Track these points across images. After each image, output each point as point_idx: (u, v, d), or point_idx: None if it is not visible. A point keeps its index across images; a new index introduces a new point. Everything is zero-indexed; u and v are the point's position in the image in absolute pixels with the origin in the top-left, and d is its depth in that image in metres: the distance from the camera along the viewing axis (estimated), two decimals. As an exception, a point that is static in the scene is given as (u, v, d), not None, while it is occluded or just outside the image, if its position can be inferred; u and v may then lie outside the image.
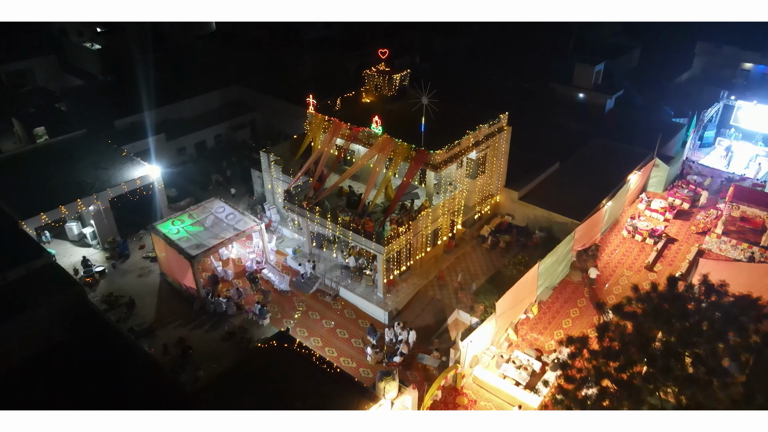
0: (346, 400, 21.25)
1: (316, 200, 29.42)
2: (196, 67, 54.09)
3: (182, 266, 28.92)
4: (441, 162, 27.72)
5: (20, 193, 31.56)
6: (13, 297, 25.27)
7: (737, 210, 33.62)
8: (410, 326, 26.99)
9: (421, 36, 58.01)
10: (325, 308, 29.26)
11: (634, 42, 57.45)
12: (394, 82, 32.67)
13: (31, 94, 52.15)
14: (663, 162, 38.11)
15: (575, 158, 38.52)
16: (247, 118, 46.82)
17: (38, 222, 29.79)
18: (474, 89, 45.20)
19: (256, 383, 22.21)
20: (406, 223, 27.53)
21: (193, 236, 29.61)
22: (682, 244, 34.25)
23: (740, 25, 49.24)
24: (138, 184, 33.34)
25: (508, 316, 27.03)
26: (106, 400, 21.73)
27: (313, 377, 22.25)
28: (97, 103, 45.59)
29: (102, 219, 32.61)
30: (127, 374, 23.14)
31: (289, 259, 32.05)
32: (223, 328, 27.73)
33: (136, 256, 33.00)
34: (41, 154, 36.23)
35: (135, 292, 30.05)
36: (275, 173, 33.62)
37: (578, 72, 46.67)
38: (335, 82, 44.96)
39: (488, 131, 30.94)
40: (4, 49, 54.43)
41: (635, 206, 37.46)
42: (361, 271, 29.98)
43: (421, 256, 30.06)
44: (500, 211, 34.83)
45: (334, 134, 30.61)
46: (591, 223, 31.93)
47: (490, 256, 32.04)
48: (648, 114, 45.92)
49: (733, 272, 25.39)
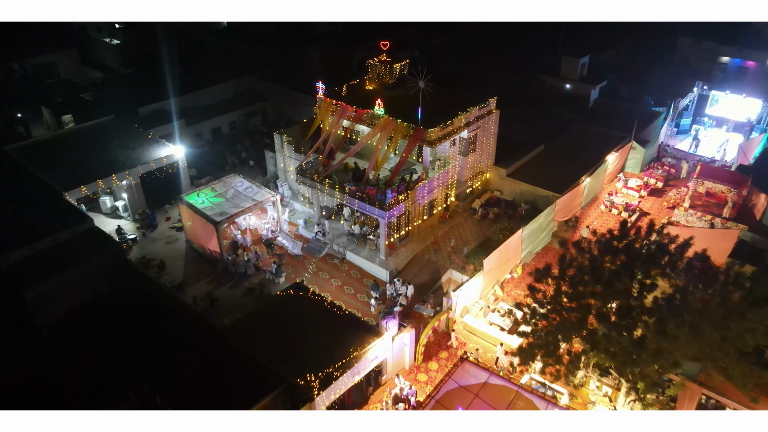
0: (354, 336, 25.02)
1: (325, 174, 33.20)
2: (209, 60, 57.85)
3: (207, 232, 32.73)
4: (435, 139, 31.52)
5: (61, 170, 35.29)
6: (62, 255, 29.11)
7: (702, 186, 37.37)
8: (408, 282, 30.77)
9: (420, 32, 61.69)
10: (334, 269, 33.05)
11: (621, 37, 61.09)
12: (395, 71, 36.45)
13: (56, 85, 55.97)
14: (639, 145, 41.86)
15: (559, 141, 42.28)
16: (259, 107, 50.64)
17: (79, 194, 33.57)
18: (469, 81, 48.89)
19: (277, 322, 26.03)
20: (404, 192, 31.31)
21: (216, 206, 33.38)
22: (654, 217, 37.95)
23: (718, 22, 53.08)
24: (164, 162, 37.11)
25: (495, 274, 30.83)
26: (153, 338, 25.60)
27: (326, 318, 26.06)
28: (120, 93, 49.33)
29: (133, 193, 36.40)
30: (167, 317, 26.91)
31: (300, 228, 35.81)
32: (244, 285, 31.54)
33: (163, 227, 36.78)
34: (76, 137, 40.00)
35: (164, 256, 33.83)
36: (287, 152, 37.37)
37: (565, 64, 50.42)
38: (340, 74, 48.66)
39: (478, 113, 34.74)
40: (28, 43, 58.19)
41: (614, 184, 41.19)
42: (365, 238, 33.78)
43: (419, 224, 33.82)
44: (490, 187, 38.60)
45: (341, 116, 34.42)
46: (571, 196, 35.69)
47: (480, 226, 35.80)
48: (630, 103, 49.60)
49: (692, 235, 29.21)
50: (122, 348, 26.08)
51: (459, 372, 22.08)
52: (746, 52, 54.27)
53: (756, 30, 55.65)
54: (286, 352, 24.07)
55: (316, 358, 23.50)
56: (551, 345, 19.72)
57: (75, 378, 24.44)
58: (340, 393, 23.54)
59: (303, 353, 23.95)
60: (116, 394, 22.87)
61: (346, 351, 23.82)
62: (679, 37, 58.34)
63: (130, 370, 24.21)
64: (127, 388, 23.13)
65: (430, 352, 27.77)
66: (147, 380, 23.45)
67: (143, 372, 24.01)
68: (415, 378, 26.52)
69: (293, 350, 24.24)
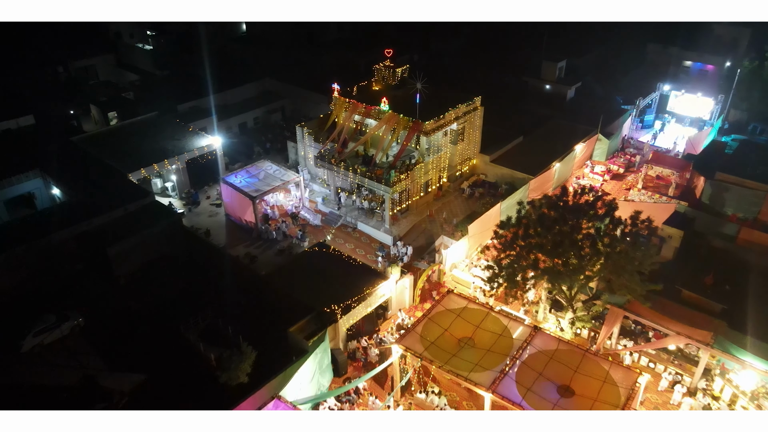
0: (366, 279, 32.43)
1: (340, 159, 40.69)
2: (232, 64, 65.29)
3: (244, 206, 40.19)
4: (430, 130, 39.04)
5: (122, 156, 42.68)
6: (132, 222, 36.53)
7: (652, 170, 44.86)
8: (408, 245, 38.26)
9: (419, 38, 69.09)
10: (347, 236, 40.52)
11: (598, 43, 68.50)
12: (397, 74, 43.94)
13: (98, 85, 63.48)
14: (605, 137, 49.29)
15: (536, 133, 49.75)
16: (279, 105, 58.18)
17: (139, 175, 41.01)
18: (461, 81, 56.25)
19: (306, 271, 33.50)
20: (405, 172, 38.80)
21: (251, 185, 40.84)
22: (613, 197, 45.30)
23: (682, 30, 60.55)
24: (205, 150, 44.58)
25: (477, 239, 38.25)
26: (210, 282, 33.12)
27: (344, 267, 33.52)
28: (158, 92, 56.82)
29: (180, 175, 43.91)
30: (220, 267, 34.38)
31: (319, 204, 43.28)
32: (276, 248, 39.00)
33: (205, 204, 44.27)
34: (128, 130, 47.49)
35: (208, 226, 41.30)
36: (308, 142, 44.84)
37: (545, 68, 57.89)
38: (348, 76, 56.08)
39: (466, 109, 42.24)
40: (71, 49, 65.60)
41: (582, 170, 48.63)
42: (372, 212, 41.26)
43: (417, 199, 41.31)
44: (476, 171, 46.08)
45: (352, 112, 41.94)
46: (543, 179, 43.11)
47: (467, 203, 43.26)
48: (602, 101, 56.99)
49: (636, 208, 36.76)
50: (186, 290, 33.67)
51: (446, 300, 29.49)
52: (706, 57, 61.75)
53: (717, 37, 63.18)
54: (314, 291, 31.38)
55: (338, 294, 30.85)
56: (510, 273, 27.27)
57: (151, 311, 31.97)
58: (356, 320, 30.97)
59: (327, 291, 31.28)
60: (188, 318, 30.45)
61: (360, 289, 31.24)
62: (648, 43, 65.88)
63: (195, 305, 31.71)
64: (196, 315, 30.73)
65: (425, 296, 35.18)
66: (211, 310, 31.04)
67: (206, 305, 31.55)
68: (413, 315, 33.91)
69: (319, 289, 31.58)
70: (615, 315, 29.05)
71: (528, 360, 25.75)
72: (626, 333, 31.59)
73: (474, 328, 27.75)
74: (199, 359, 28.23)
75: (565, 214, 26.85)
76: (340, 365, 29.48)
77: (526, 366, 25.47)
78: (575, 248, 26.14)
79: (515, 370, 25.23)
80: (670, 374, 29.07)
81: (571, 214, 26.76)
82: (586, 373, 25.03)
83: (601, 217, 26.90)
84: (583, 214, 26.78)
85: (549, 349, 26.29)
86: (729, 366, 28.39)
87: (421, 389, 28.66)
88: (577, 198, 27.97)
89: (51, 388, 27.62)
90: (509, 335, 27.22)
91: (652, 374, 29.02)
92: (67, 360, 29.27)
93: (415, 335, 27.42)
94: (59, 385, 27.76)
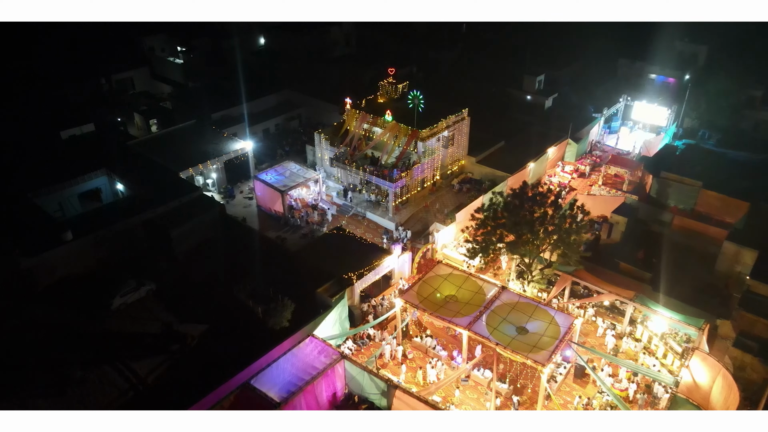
0: (375, 254, 41.42)
1: (352, 160, 49.80)
2: (253, 76, 74.19)
3: (273, 198, 49.27)
4: (426, 136, 48.16)
5: (171, 157, 51.67)
6: (186, 211, 45.45)
7: (610, 169, 53.92)
8: (408, 230, 47.32)
9: (418, 50, 77.93)
10: (358, 223, 49.60)
11: (575, 58, 77.36)
12: (399, 90, 53.00)
13: (136, 96, 72.47)
14: (574, 141, 58.31)
15: (516, 139, 58.77)
16: (296, 113, 67.23)
17: (187, 173, 50.03)
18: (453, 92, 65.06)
19: (326, 248, 42.54)
20: (405, 171, 47.91)
21: (279, 181, 49.91)
22: (579, 192, 54.41)
23: (649, 46, 69.23)
24: (239, 152, 53.63)
25: (464, 224, 47.26)
26: (251, 257, 42.14)
27: (357, 246, 42.59)
28: (190, 102, 65.74)
29: (220, 173, 53.00)
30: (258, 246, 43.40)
31: (335, 198, 52.36)
32: (300, 232, 48.07)
33: (239, 197, 53.37)
34: (171, 135, 56.53)
35: (244, 215, 50.35)
36: (324, 146, 53.87)
37: (526, 81, 66.90)
38: (355, 88, 64.99)
39: (455, 119, 51.35)
40: (111, 62, 74.47)
41: (554, 169, 57.65)
42: (378, 203, 50.35)
43: (414, 193, 50.37)
44: (464, 170, 55.16)
45: (362, 121, 51.05)
46: (519, 176, 52.07)
47: (457, 197, 52.29)
48: (576, 110, 65.77)
49: (594, 200, 45.98)
50: (231, 264, 42.65)
51: (436, 268, 38.54)
52: (668, 71, 70.59)
53: (679, 53, 72.11)
54: (335, 263, 40.31)
55: (353, 265, 39.81)
56: (484, 246, 36.46)
57: (205, 280, 40.90)
58: (367, 285, 40.01)
59: (344, 263, 40.22)
60: (234, 285, 39.30)
61: (370, 261, 40.27)
62: (619, 58, 74.78)
63: (239, 275, 40.62)
64: (243, 281, 39.70)
65: (421, 269, 44.19)
66: (254, 277, 40.05)
67: (249, 273, 40.52)
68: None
69: (338, 262, 40.50)
70: (564, 279, 38.16)
71: (495, 309, 34.80)
72: (577, 296, 40.67)
73: (457, 288, 36.81)
74: (248, 313, 37.19)
75: (524, 203, 35.97)
76: (356, 317, 38.55)
77: (494, 313, 34.51)
78: (529, 227, 35.27)
79: (486, 315, 34.27)
80: (605, 323, 38.18)
81: (529, 202, 35.89)
82: (537, 318, 34.06)
83: (554, 204, 36.03)
84: (539, 203, 35.91)
85: (512, 301, 35.35)
86: (647, 315, 37.54)
87: (417, 335, 37.76)
88: (535, 191, 37.08)
89: (137, 335, 36.62)
90: (483, 293, 36.26)
91: (593, 325, 38.16)
92: (146, 315, 38.24)
93: (412, 293, 36.47)
94: (143, 332, 36.75)
